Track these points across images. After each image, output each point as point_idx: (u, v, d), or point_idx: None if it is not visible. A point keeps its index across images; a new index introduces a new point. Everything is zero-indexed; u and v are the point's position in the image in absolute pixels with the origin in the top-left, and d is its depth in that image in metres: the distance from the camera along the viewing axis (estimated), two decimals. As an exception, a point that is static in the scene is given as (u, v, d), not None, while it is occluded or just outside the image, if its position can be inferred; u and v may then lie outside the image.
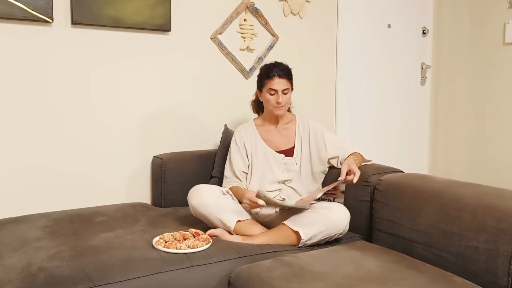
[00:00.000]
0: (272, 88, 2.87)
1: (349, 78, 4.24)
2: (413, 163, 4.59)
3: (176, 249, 2.30)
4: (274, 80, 2.87)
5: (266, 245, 2.50)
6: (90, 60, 3.18)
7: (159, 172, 3.27)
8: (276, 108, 2.89)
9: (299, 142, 2.98)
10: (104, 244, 2.39)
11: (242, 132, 3.02)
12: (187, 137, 3.54)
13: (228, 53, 3.63)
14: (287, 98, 2.91)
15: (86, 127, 3.20)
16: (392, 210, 2.55)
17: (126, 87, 3.32)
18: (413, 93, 4.61)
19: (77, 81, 3.16)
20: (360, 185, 2.78)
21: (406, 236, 2.45)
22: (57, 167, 3.13)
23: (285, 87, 2.87)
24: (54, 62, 3.08)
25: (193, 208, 2.66)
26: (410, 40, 4.53)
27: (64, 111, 3.13)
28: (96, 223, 2.76)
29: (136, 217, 2.90)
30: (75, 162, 3.18)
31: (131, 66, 3.32)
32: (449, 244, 2.22)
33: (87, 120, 3.20)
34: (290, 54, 3.79)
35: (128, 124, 3.34)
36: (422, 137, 4.70)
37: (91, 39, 3.17)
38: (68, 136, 3.15)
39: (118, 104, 3.30)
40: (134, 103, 3.35)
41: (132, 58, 3.31)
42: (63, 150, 3.14)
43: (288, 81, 2.89)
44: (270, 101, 2.90)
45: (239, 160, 2.96)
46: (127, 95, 3.32)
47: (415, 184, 2.54)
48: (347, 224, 2.60)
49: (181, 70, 3.49)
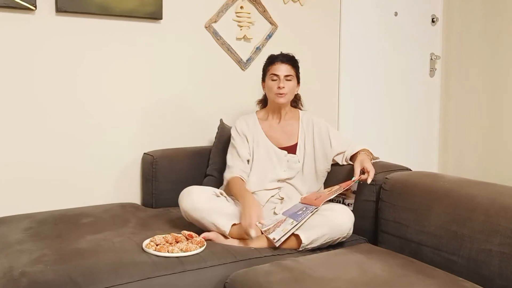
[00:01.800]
0: (274, 73, 2.91)
1: (353, 70, 4.24)
2: (421, 160, 4.59)
3: (168, 253, 2.30)
4: (276, 65, 2.93)
5: (264, 248, 2.50)
6: (76, 51, 3.18)
7: (149, 170, 3.27)
8: (278, 96, 2.91)
9: (302, 139, 2.98)
10: (91, 247, 2.38)
11: (243, 124, 3.02)
12: (179, 133, 3.54)
13: (223, 42, 3.63)
14: (291, 86, 2.92)
15: (72, 122, 3.20)
16: (399, 210, 2.55)
17: (114, 80, 3.31)
18: (421, 85, 4.60)
19: (62, 73, 3.15)
20: (365, 184, 2.78)
21: (414, 238, 2.45)
22: (40, 164, 3.13)
23: (288, 73, 2.91)
24: (37, 53, 3.08)
25: (185, 212, 2.66)
26: (418, 29, 4.53)
27: (48, 105, 3.13)
28: (82, 225, 2.75)
29: (125, 218, 2.90)
30: (59, 159, 3.17)
31: (120, 57, 3.31)
32: (460, 247, 2.22)
33: (73, 114, 3.20)
34: (290, 44, 3.78)
35: (117, 118, 3.34)
36: (431, 133, 4.70)
37: (77, 28, 3.16)
38: (52, 132, 3.15)
39: (106, 97, 3.29)
40: (123, 97, 3.34)
41: (120, 48, 3.31)
42: (47, 146, 3.14)
43: (292, 67, 2.94)
44: (272, 88, 2.93)
45: (243, 148, 2.96)
46: (116, 88, 3.32)
47: (423, 183, 2.54)
48: (351, 227, 2.60)
49: (173, 62, 3.49)
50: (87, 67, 3.22)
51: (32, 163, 3.10)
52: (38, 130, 3.11)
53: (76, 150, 3.22)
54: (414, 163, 3.41)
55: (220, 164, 3.14)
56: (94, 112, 3.26)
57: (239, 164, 2.92)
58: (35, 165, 3.11)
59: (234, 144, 2.98)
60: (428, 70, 4.62)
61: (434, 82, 4.66)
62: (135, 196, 3.43)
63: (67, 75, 3.17)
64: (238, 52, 3.69)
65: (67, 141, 3.19)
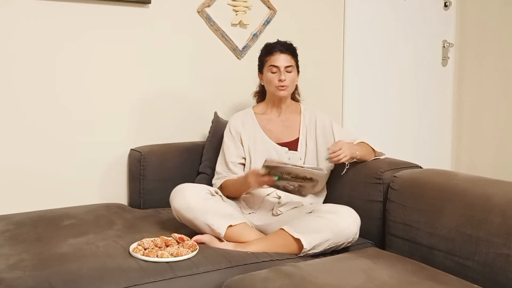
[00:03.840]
0: (273, 64, 2.91)
1: (358, 59, 4.24)
2: (433, 157, 4.59)
3: (157, 257, 2.30)
4: (275, 56, 2.92)
5: (262, 253, 2.49)
6: (57, 37, 3.17)
7: (137, 167, 3.27)
8: (279, 89, 2.91)
9: (303, 134, 2.99)
10: (73, 251, 2.39)
11: (238, 122, 3.02)
12: (170, 127, 3.54)
13: (217, 29, 3.62)
14: (291, 77, 2.93)
15: (51, 116, 3.19)
16: (409, 212, 2.55)
17: (97, 70, 3.30)
18: (433, 75, 4.61)
19: (40, 63, 3.14)
20: (371, 183, 2.78)
21: (425, 242, 2.45)
22: (17, 163, 3.12)
23: (288, 63, 2.91)
24: (13, 39, 3.06)
25: (176, 211, 2.65)
26: (429, 14, 4.53)
27: (25, 98, 3.12)
28: (64, 227, 2.75)
29: (110, 220, 2.90)
30: (37, 156, 3.17)
31: (104, 45, 3.30)
32: (475, 251, 2.22)
33: (52, 107, 3.19)
34: (290, 30, 3.78)
35: (101, 112, 3.33)
36: (443, 127, 4.70)
37: (58, 12, 3.15)
38: (30, 127, 3.14)
39: (88, 89, 3.29)
40: (107, 88, 3.34)
41: (104, 35, 3.30)
42: (24, 143, 3.13)
43: (292, 57, 2.94)
44: (272, 81, 2.93)
45: (234, 152, 2.97)
46: (99, 79, 3.31)
47: (435, 181, 2.54)
48: (357, 231, 2.60)
49: (163, 50, 3.48)
50: (67, 56, 3.21)
51: (8, 161, 3.10)
52: (14, 126, 3.10)
53: (56, 146, 3.21)
54: (425, 160, 3.41)
55: (214, 160, 3.13)
56: (76, 105, 3.26)
57: (226, 172, 2.96)
58: (12, 164, 3.11)
59: (223, 149, 3.00)
60: (440, 59, 4.62)
61: (447, 72, 4.66)
62: (121, 196, 3.43)
63: (46, 65, 3.16)
64: (233, 39, 3.69)
65: (46, 137, 3.18)
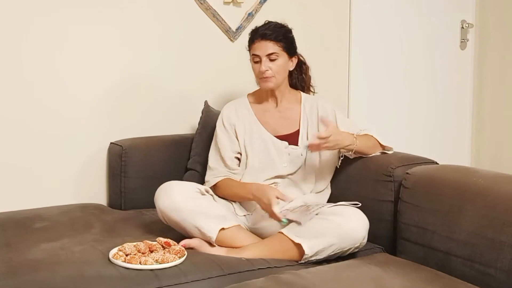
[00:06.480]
0: (254, 53, 2.91)
1: (366, 42, 4.24)
2: (450, 152, 4.60)
3: (140, 264, 2.30)
4: (256, 44, 2.91)
5: (258, 259, 2.50)
6: (21, 17, 3.15)
7: (118, 163, 3.27)
8: (262, 80, 2.91)
9: (304, 126, 2.98)
10: (46, 257, 2.38)
11: (231, 113, 3.02)
12: (155, 118, 3.54)
13: (208, 7, 3.61)
14: (277, 65, 2.90)
15: (19, 104, 3.19)
16: (423, 213, 2.55)
17: (71, 53, 3.29)
18: (450, 60, 4.61)
19: (5, 46, 3.14)
20: (381, 181, 2.78)
21: (442, 247, 2.45)
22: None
23: (271, 50, 2.88)
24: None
25: (162, 212, 2.65)
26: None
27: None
28: (36, 231, 2.75)
29: (88, 222, 2.90)
30: (4, 151, 3.17)
31: (77, 25, 3.29)
32: (497, 257, 2.22)
33: (19, 94, 3.19)
34: (289, 9, 3.78)
35: (76, 101, 3.32)
36: (462, 118, 4.71)
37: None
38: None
39: (61, 75, 3.28)
40: (82, 74, 3.33)
41: (78, 14, 3.28)
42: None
43: (275, 43, 2.89)
44: (254, 72, 2.95)
45: (229, 147, 2.96)
46: (73, 64, 3.31)
47: (453, 179, 2.54)
48: (365, 235, 2.60)
49: (146, 31, 3.48)
50: (35, 38, 3.20)
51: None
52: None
53: (25, 139, 3.21)
54: (442, 155, 3.43)
55: (204, 155, 3.13)
56: (47, 94, 3.25)
57: (222, 169, 2.95)
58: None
59: (217, 142, 2.99)
60: (458, 42, 4.62)
61: (466, 56, 4.66)
62: (99, 196, 3.44)
63: (10, 48, 3.15)
64: (226, 20, 3.68)
65: (13, 128, 3.18)
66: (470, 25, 4.60)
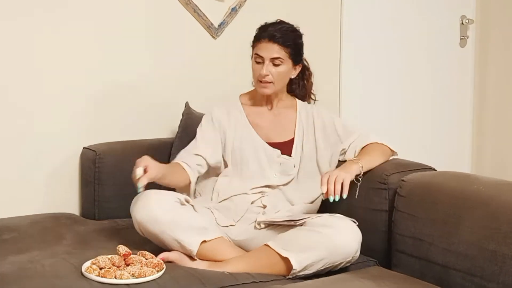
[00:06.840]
0: (258, 53, 2.89)
1: (359, 39, 4.25)
2: (449, 157, 4.60)
3: (115, 279, 2.30)
4: (262, 43, 2.89)
5: (243, 273, 2.49)
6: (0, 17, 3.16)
7: (91, 170, 3.27)
8: (260, 84, 2.90)
9: (299, 136, 2.99)
10: (14, 271, 2.38)
11: (223, 114, 3.02)
12: (131, 121, 3.54)
13: (188, 2, 3.61)
14: (279, 73, 2.89)
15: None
16: (420, 223, 2.56)
17: (42, 52, 3.30)
18: (449, 58, 4.63)
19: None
20: (374, 189, 2.78)
21: (439, 260, 2.45)
22: None
23: (277, 55, 2.87)
24: None
25: (139, 224, 2.64)
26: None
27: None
28: (3, 242, 2.75)
29: (59, 233, 2.90)
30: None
31: (49, 23, 3.29)
32: (499, 271, 2.23)
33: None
34: (276, 5, 3.78)
35: (47, 103, 3.32)
36: (462, 121, 4.73)
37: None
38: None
39: (31, 75, 3.28)
40: (54, 74, 3.32)
41: (50, 11, 3.28)
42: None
43: (283, 47, 2.88)
44: (254, 72, 2.93)
45: (208, 137, 2.95)
46: (45, 63, 3.30)
47: (452, 187, 2.55)
48: (357, 248, 2.60)
49: (122, 28, 3.48)
50: (4, 36, 3.20)
51: None
52: None
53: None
54: (440, 160, 3.44)
55: (185, 162, 3.14)
56: (14, 91, 3.24)
57: (190, 158, 2.91)
58: None
59: (197, 132, 2.99)
60: (458, 39, 4.64)
61: (466, 54, 4.68)
62: (71, 205, 3.43)
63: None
64: (207, 15, 3.68)
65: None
66: (470, 21, 4.61)
